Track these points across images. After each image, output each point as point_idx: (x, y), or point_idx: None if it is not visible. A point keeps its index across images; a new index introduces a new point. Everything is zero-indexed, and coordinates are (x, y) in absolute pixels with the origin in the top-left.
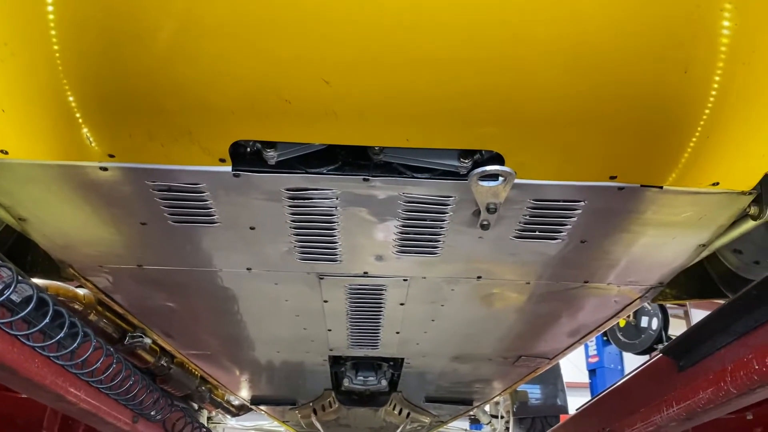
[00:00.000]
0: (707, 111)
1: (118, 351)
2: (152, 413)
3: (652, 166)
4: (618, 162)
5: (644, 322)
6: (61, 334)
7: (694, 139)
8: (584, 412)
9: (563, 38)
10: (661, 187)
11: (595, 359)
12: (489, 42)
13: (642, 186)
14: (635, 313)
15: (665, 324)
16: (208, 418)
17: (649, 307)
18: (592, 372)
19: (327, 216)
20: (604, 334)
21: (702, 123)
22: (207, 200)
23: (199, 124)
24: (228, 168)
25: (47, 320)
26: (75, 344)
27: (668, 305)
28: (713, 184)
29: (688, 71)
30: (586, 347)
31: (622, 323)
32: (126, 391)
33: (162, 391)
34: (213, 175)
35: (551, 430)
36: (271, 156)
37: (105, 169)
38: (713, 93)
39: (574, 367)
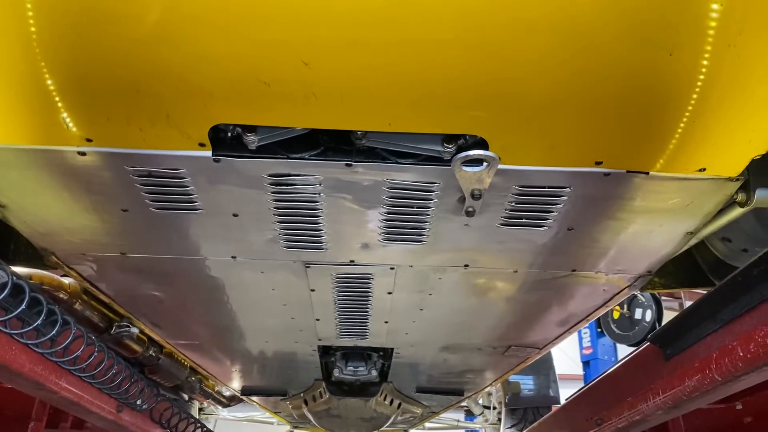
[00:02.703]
0: (694, 95)
1: (105, 341)
2: (138, 402)
3: (638, 152)
4: (603, 147)
5: (638, 314)
6: (39, 321)
7: (680, 124)
8: (574, 402)
9: (547, 20)
10: (648, 173)
11: (589, 351)
12: (472, 24)
13: (628, 172)
14: (629, 304)
15: (659, 316)
16: (200, 410)
17: (643, 299)
18: (586, 364)
19: (311, 203)
20: (598, 325)
21: (689, 107)
22: (188, 186)
23: (177, 107)
24: (208, 153)
25: (24, 306)
26: (54, 331)
27: (662, 297)
28: (700, 170)
29: (673, 54)
30: (580, 339)
31: (616, 315)
32: (109, 380)
33: (149, 380)
34: (193, 160)
35: (541, 420)
36: (252, 140)
37: (83, 153)
38: (699, 76)
39: (567, 358)
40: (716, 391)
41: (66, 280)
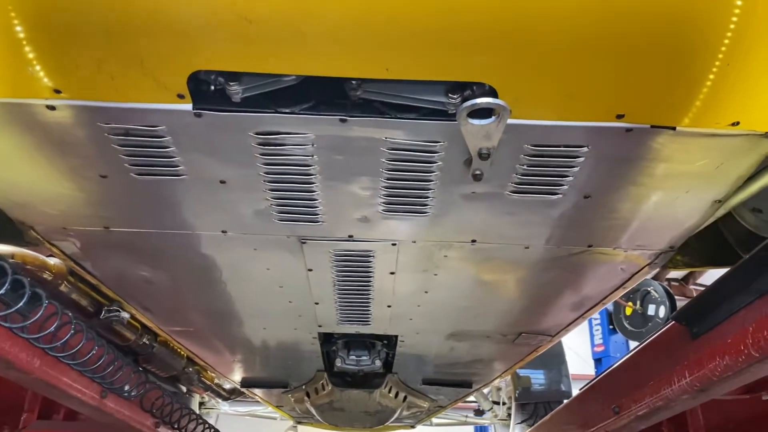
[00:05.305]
0: (729, 33)
1: (93, 326)
2: (125, 389)
3: (664, 103)
4: (626, 98)
5: (651, 310)
6: (2, 291)
7: (713, 68)
8: (589, 391)
9: None
10: (674, 128)
11: (601, 348)
12: None
13: (653, 127)
14: (642, 300)
15: (673, 312)
16: (201, 404)
17: (657, 295)
18: (597, 361)
19: (303, 166)
20: (610, 322)
21: (723, 48)
22: (169, 147)
23: (152, 51)
24: (188, 106)
25: None
26: (21, 304)
27: (675, 295)
28: (733, 124)
29: None
30: (592, 336)
31: (629, 311)
32: (90, 362)
33: (137, 367)
34: (172, 114)
35: (555, 411)
36: (236, 91)
37: (53, 108)
38: (736, 11)
39: (578, 357)
40: (752, 371)
41: (51, 260)
